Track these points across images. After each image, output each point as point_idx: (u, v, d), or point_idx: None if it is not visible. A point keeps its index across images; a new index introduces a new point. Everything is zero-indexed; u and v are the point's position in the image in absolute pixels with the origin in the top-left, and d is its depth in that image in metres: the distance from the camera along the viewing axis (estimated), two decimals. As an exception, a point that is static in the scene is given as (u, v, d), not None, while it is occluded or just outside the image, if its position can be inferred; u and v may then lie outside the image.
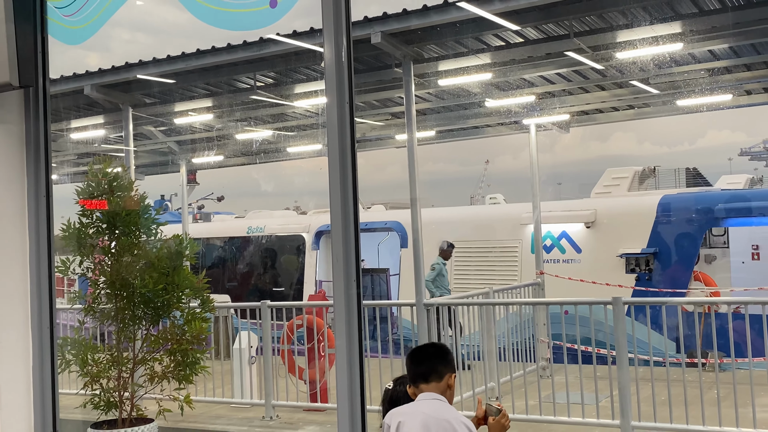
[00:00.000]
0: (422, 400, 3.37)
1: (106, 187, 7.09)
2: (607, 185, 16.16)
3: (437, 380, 3.40)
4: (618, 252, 14.03)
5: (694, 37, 10.03)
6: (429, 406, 3.31)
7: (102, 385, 7.08)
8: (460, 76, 11.80)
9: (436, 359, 3.47)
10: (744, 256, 14.90)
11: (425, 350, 3.60)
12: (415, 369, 3.47)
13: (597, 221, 14.56)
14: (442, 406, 3.33)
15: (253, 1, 3.75)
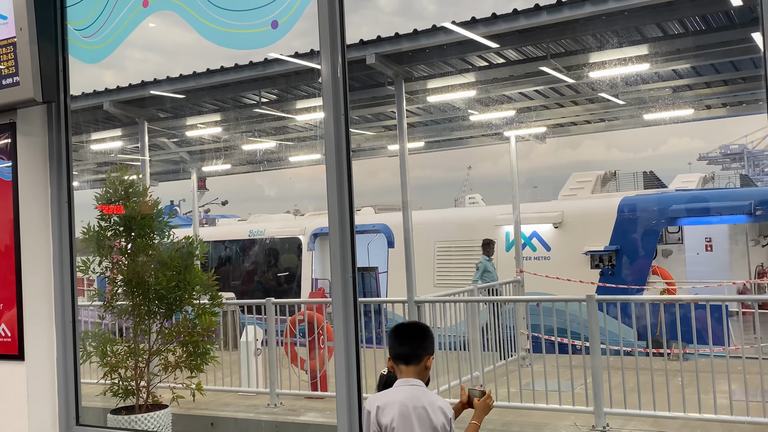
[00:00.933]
0: (399, 386, 3.27)
1: (122, 194, 7.08)
2: (573, 188, 16.21)
3: (416, 363, 3.30)
4: (583, 249, 14.07)
5: (659, 58, 10.07)
6: (405, 393, 3.20)
7: (120, 375, 7.05)
8: (446, 92, 11.83)
9: (416, 342, 3.35)
10: (698, 249, 15.19)
11: (409, 330, 3.45)
12: (397, 349, 3.35)
13: (564, 222, 14.62)
14: (418, 391, 3.22)
15: (255, 23, 3.74)
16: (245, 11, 3.78)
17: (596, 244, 13.98)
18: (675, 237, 15.01)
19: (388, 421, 3.14)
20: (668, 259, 14.76)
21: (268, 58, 10.25)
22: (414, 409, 3.13)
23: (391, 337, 3.39)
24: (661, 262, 14.52)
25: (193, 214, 18.32)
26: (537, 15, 8.63)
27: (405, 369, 3.30)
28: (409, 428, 3.12)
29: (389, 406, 3.16)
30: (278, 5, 3.68)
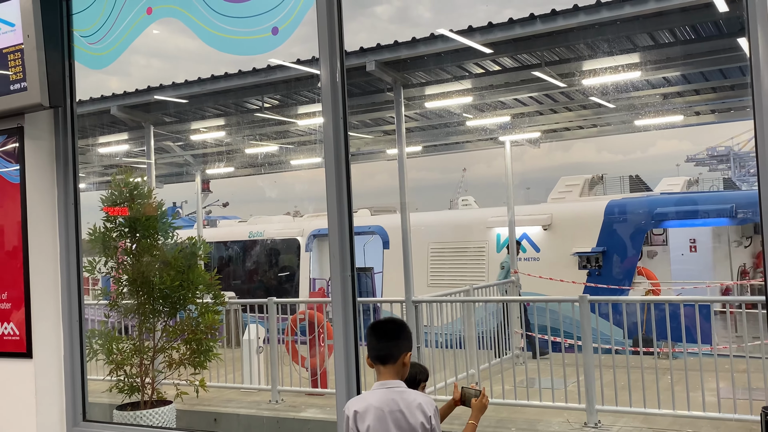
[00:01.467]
0: (376, 389, 3.13)
1: (127, 196, 7.07)
2: (562, 191, 16.25)
3: (393, 362, 3.16)
4: (571, 251, 14.09)
5: (650, 66, 10.08)
6: (381, 397, 3.07)
7: (126, 372, 7.04)
8: (443, 98, 11.83)
9: (393, 341, 3.20)
10: (683, 249, 15.21)
11: (384, 328, 3.28)
12: (374, 348, 3.21)
13: (553, 224, 14.65)
14: (395, 394, 3.08)
15: (256, 29, 3.74)
16: (246, 18, 3.78)
17: (584, 246, 14.02)
18: (660, 239, 15.07)
19: (364, 428, 3.04)
20: (653, 260, 14.85)
21: (270, 65, 10.25)
22: (390, 413, 3.02)
23: (368, 336, 3.26)
24: (647, 263, 14.58)
25: (197, 215, 18.31)
26: (532, 24, 8.64)
27: (383, 369, 3.17)
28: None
29: (367, 411, 3.05)
30: (278, 12, 3.68)
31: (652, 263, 14.63)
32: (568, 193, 15.97)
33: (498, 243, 15.07)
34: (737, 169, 36.42)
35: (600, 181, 16.92)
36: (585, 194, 16.15)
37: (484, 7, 17.51)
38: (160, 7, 4.10)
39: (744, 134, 33.23)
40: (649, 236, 14.86)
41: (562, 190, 16.23)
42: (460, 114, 13.49)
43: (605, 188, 17.11)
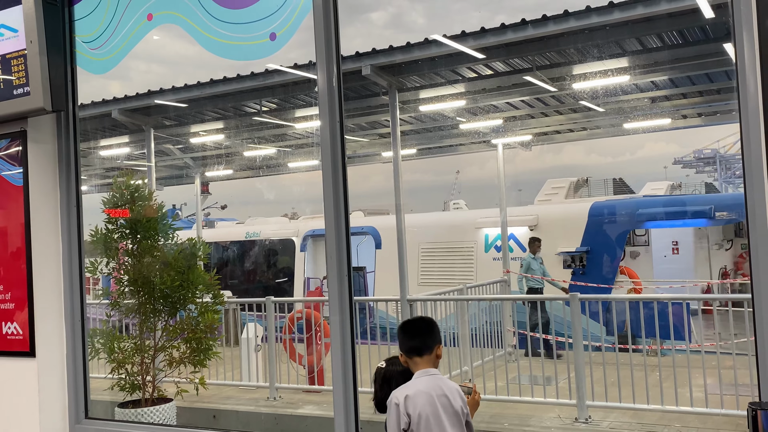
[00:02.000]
0: (420, 377, 3.31)
1: (128, 198, 7.05)
2: (548, 193, 16.46)
3: (429, 353, 3.35)
4: (556, 251, 14.23)
5: (639, 70, 10.11)
6: (428, 383, 3.26)
7: (127, 370, 7.02)
8: (437, 102, 11.84)
9: (426, 334, 3.41)
10: (666, 251, 15.45)
11: (416, 324, 3.53)
12: (409, 342, 3.40)
13: (539, 225, 14.84)
14: (438, 380, 3.28)
15: (254, 35, 3.74)
16: (245, 24, 3.78)
17: (568, 246, 14.21)
18: (642, 239, 15.22)
19: (417, 411, 3.17)
20: (636, 260, 15.08)
21: (268, 69, 10.24)
22: (438, 397, 3.20)
23: (401, 334, 3.44)
24: (630, 263, 14.78)
25: (197, 217, 18.32)
26: (523, 29, 8.66)
27: (419, 360, 3.34)
28: (436, 416, 3.17)
29: (416, 396, 3.19)
30: (276, 18, 3.68)
31: (634, 263, 14.86)
32: (554, 195, 16.20)
33: (486, 243, 15.30)
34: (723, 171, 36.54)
35: (585, 184, 17.19)
36: (570, 196, 16.38)
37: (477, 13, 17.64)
38: (161, 13, 4.10)
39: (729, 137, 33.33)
40: (631, 237, 15.07)
41: (549, 192, 16.45)
42: (453, 117, 13.51)
43: (590, 190, 17.37)
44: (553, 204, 15.81)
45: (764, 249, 2.47)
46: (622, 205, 14.57)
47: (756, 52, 2.49)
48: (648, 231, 14.93)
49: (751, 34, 2.49)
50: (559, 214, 14.67)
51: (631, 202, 14.75)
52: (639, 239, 15.33)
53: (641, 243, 15.28)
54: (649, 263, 15.12)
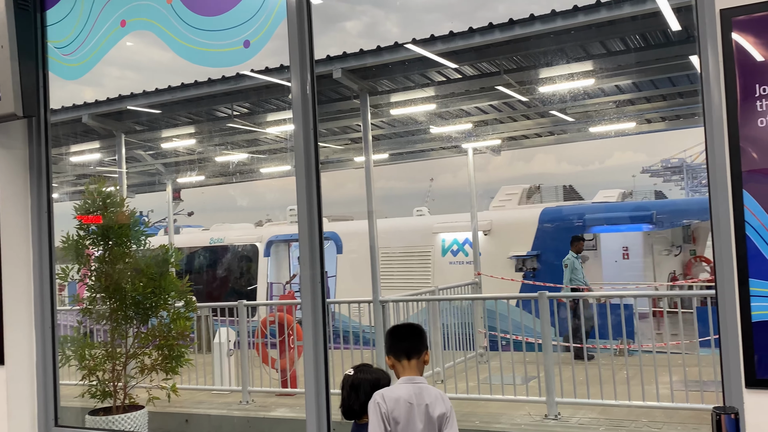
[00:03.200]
0: (403, 383, 3.32)
1: (100, 204, 6.97)
2: (502, 200, 16.92)
3: (417, 357, 3.37)
4: (509, 254, 14.62)
5: (603, 74, 10.24)
6: (409, 391, 3.26)
7: (98, 377, 6.93)
8: (408, 106, 11.87)
9: (415, 338, 3.44)
10: (617, 256, 15.97)
11: (407, 328, 3.54)
12: (397, 345, 3.42)
13: (493, 230, 15.24)
14: (420, 389, 3.28)
15: (228, 42, 3.72)
16: (218, 31, 3.76)
17: (520, 250, 14.62)
18: (590, 244, 15.65)
19: (395, 416, 3.20)
20: (585, 264, 15.41)
21: (240, 73, 10.18)
22: (418, 406, 3.22)
23: (390, 338, 3.47)
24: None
25: (169, 223, 18.20)
26: (491, 33, 8.73)
27: (407, 363, 3.36)
28: (412, 424, 3.19)
29: (397, 402, 3.22)
30: (250, 26, 3.67)
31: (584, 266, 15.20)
32: (508, 201, 16.68)
33: (443, 248, 15.66)
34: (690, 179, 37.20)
35: (537, 191, 17.70)
36: (523, 202, 16.87)
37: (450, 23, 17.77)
38: (134, 20, 4.06)
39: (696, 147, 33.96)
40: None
41: (503, 198, 16.92)
42: (424, 122, 13.57)
43: (542, 197, 17.83)
44: (506, 210, 16.29)
45: (728, 256, 2.53)
46: (570, 211, 15.08)
47: (720, 65, 2.54)
48: (596, 236, 15.36)
49: (715, 48, 2.55)
50: (511, 219, 15.12)
51: (578, 208, 15.24)
52: (587, 243, 15.76)
53: (589, 248, 15.70)
54: (598, 267, 15.59)
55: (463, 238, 15.47)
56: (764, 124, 2.49)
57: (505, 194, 16.94)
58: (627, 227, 14.67)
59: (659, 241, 16.38)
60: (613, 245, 16.02)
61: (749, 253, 2.48)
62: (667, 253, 16.60)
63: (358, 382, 3.54)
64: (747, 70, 2.50)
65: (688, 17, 7.69)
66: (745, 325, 2.49)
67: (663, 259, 16.47)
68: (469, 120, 13.36)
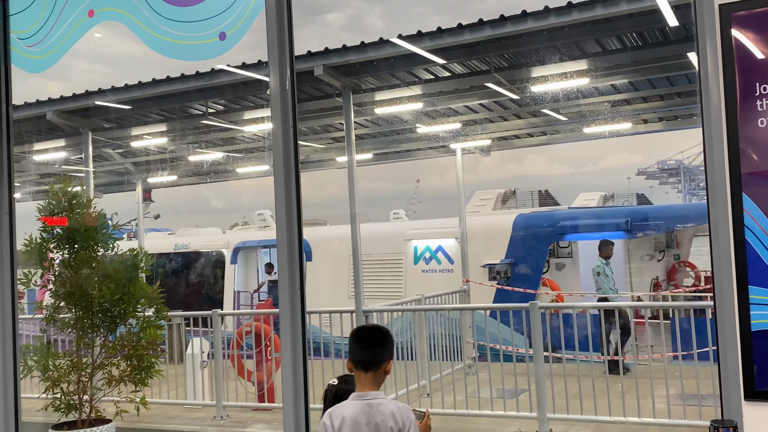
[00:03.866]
0: (353, 401, 3.19)
1: (66, 205, 6.92)
2: (477, 205, 17.00)
3: (375, 369, 3.23)
4: (482, 262, 14.71)
5: (598, 73, 10.30)
6: (356, 410, 3.14)
7: (62, 389, 6.87)
8: (394, 105, 11.88)
9: (378, 347, 3.28)
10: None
11: (370, 334, 3.38)
12: (357, 353, 3.28)
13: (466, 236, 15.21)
14: (371, 407, 3.15)
15: (203, 34, 3.71)
16: (193, 22, 3.75)
17: (494, 258, 14.69)
18: (566, 251, 15.88)
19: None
20: (562, 272, 15.67)
21: (215, 68, 10.15)
22: (367, 425, 3.11)
23: (353, 341, 3.32)
24: (555, 275, 15.35)
25: (139, 226, 18.09)
26: (481, 29, 8.76)
27: (363, 375, 3.23)
28: None
29: (344, 421, 3.11)
30: (226, 17, 3.65)
31: (560, 275, 15.49)
32: (482, 206, 16.82)
33: (415, 255, 15.76)
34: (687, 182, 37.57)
35: (512, 196, 17.82)
36: (498, 208, 17.01)
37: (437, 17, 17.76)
38: (103, 10, 4.03)
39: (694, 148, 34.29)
40: (555, 249, 15.67)
41: (477, 203, 17.03)
42: (411, 121, 13.59)
43: (517, 202, 17.98)
44: (481, 215, 16.41)
45: (726, 262, 2.55)
46: (544, 218, 15.15)
47: (719, 63, 2.56)
48: (571, 243, 15.51)
49: (714, 44, 2.57)
50: (484, 225, 15.21)
51: (553, 215, 15.34)
52: (563, 251, 15.95)
53: (565, 255, 15.87)
54: (575, 275, 15.71)
55: (436, 245, 15.59)
56: (764, 124, 2.51)
57: (479, 199, 17.11)
58: (601, 235, 14.56)
59: (642, 246, 16.53)
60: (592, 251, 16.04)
61: (749, 259, 2.50)
62: (649, 259, 16.76)
63: (341, 392, 3.51)
64: (747, 68, 2.52)
65: (687, 14, 7.77)
66: (744, 334, 2.51)
67: (646, 264, 16.61)
68: (457, 119, 13.41)
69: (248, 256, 19.31)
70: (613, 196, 18.67)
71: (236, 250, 18.65)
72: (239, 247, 18.64)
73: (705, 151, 2.58)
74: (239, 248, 18.64)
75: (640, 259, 16.54)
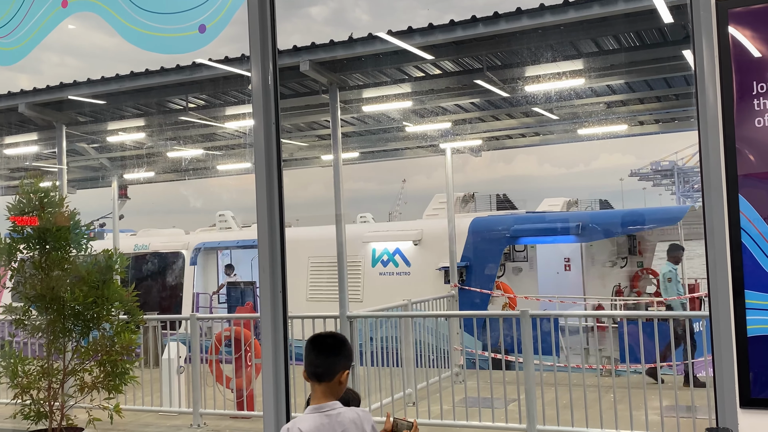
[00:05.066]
0: (309, 414, 3.15)
1: (36, 204, 6.86)
2: (436, 208, 17.47)
3: (328, 380, 3.18)
4: (438, 265, 15.09)
5: (594, 73, 10.35)
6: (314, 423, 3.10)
7: (32, 396, 6.81)
8: (382, 102, 11.89)
9: (331, 357, 3.21)
10: (558, 268, 16.74)
11: (324, 342, 3.30)
12: (311, 363, 3.22)
13: (423, 239, 15.77)
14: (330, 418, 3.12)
15: (182, 26, 3.69)
16: (171, 14, 3.73)
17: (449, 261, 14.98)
18: (521, 255, 16.35)
19: None
20: (519, 276, 16.03)
21: (196, 62, 10.11)
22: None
23: (307, 350, 3.27)
24: (512, 279, 15.87)
25: (114, 224, 18.02)
26: (474, 27, 8.78)
27: (317, 386, 3.20)
28: None
29: None
30: (206, 9, 3.64)
31: (517, 279, 15.90)
32: (441, 209, 17.09)
33: (373, 258, 16.15)
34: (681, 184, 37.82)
35: (471, 199, 18.45)
36: (457, 211, 17.30)
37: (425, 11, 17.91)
38: (77, 0, 4.01)
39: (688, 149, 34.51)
40: (512, 253, 16.21)
41: (436, 206, 17.45)
42: (399, 119, 13.61)
43: (476, 206, 18.59)
44: (440, 219, 16.78)
45: (722, 266, 2.56)
46: (499, 221, 15.62)
47: (715, 60, 2.58)
48: (527, 247, 15.96)
49: (710, 42, 2.58)
50: (442, 229, 15.52)
51: (508, 218, 15.77)
52: (519, 255, 16.40)
53: (521, 259, 16.29)
54: (533, 279, 16.15)
55: (394, 247, 15.94)
56: (762, 124, 2.53)
57: (438, 202, 17.46)
58: (553, 239, 15.32)
59: (603, 252, 17.08)
60: (554, 256, 16.69)
61: (745, 263, 2.52)
62: (611, 265, 17.31)
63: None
64: (744, 66, 2.54)
65: (685, 14, 7.81)
66: (740, 340, 2.52)
67: (607, 271, 17.16)
68: (448, 118, 13.43)
69: (208, 257, 19.69)
70: (577, 202, 19.27)
71: (196, 251, 18.99)
72: (199, 248, 18.99)
73: (701, 152, 2.59)
74: (199, 249, 19.00)
75: (602, 266, 17.15)
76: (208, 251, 19.37)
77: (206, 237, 19.58)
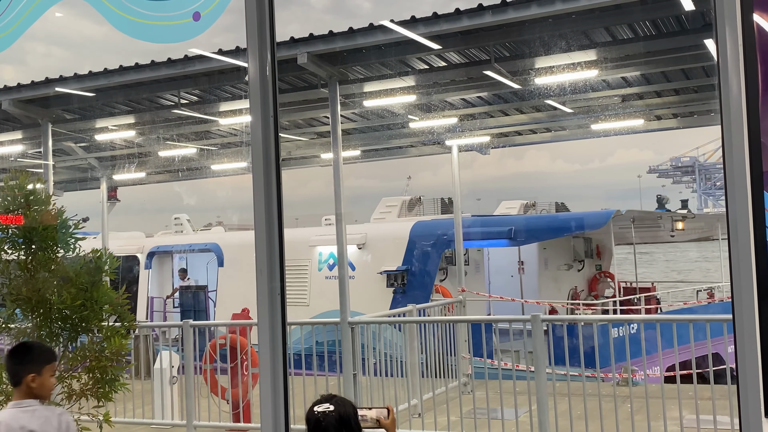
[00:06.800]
0: (9, 408, 3.60)
1: (22, 202, 6.87)
2: (383, 212, 18.25)
3: (18, 385, 3.61)
4: (380, 269, 15.73)
5: (608, 64, 10.32)
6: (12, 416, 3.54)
7: (16, 405, 6.81)
8: (385, 97, 11.87)
9: (17, 365, 3.66)
10: (511, 271, 17.38)
11: (13, 351, 3.78)
12: (6, 370, 3.79)
13: (367, 243, 16.29)
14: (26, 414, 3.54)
15: (175, 14, 3.68)
16: (164, 0, 3.72)
17: (391, 265, 15.76)
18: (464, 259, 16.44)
19: None
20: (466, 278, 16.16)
21: (189, 55, 10.11)
22: (21, 429, 3.50)
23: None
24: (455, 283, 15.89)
25: (103, 226, 18.08)
26: (480, 15, 8.77)
27: (16, 391, 3.64)
28: None
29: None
30: (201, -5, 3.63)
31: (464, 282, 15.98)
32: (388, 213, 17.90)
33: (320, 261, 16.77)
34: (702, 181, 37.69)
35: (419, 203, 19.02)
36: (404, 215, 18.14)
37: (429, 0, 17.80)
38: (64, -14, 4.01)
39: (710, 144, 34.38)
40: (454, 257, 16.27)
41: (383, 210, 18.21)
42: (403, 115, 13.60)
43: (423, 209, 19.15)
44: (386, 222, 17.51)
45: (746, 268, 2.55)
46: (440, 225, 16.17)
47: (740, 49, 2.57)
48: (469, 251, 16.37)
49: (734, 30, 2.57)
50: (385, 233, 16.19)
51: (446, 222, 16.19)
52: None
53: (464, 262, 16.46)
54: (479, 282, 16.75)
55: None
56: (788, 117, 2.51)
57: (385, 206, 18.11)
58: (488, 243, 16.16)
59: (559, 255, 17.68)
60: (506, 259, 17.27)
61: (771, 264, 2.50)
62: (567, 268, 17.93)
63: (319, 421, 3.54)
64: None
65: (706, 1, 7.80)
66: (765, 346, 2.51)
67: (563, 274, 17.81)
68: (454, 113, 13.42)
69: (163, 261, 20.18)
70: (534, 204, 19.91)
71: (150, 255, 19.54)
72: (154, 252, 19.59)
73: (724, 147, 2.57)
74: (154, 253, 19.58)
75: (557, 269, 17.78)
76: (162, 255, 19.94)
77: (160, 241, 20.28)
